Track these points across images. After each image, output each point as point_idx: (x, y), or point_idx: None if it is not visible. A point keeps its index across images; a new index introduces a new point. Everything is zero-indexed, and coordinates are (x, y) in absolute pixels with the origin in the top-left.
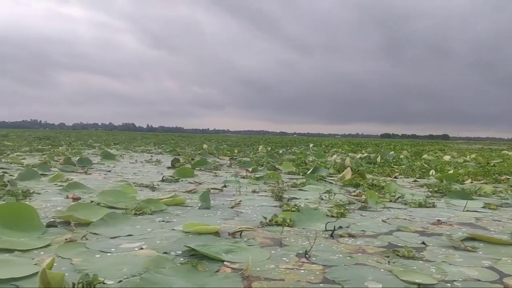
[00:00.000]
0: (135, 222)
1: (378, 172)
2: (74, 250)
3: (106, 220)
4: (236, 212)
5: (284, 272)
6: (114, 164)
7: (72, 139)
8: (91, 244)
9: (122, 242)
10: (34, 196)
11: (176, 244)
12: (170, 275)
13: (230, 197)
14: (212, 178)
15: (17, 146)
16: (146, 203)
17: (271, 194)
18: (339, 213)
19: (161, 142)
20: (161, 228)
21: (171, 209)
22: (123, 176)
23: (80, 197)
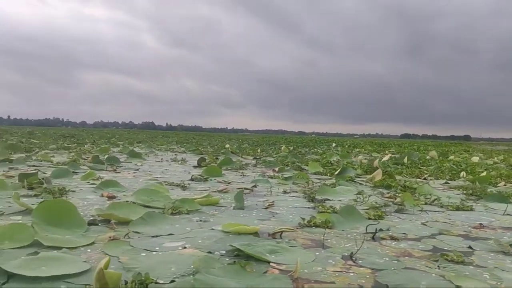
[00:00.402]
0: (173, 221)
1: (407, 173)
2: (119, 248)
3: (146, 219)
4: (271, 212)
5: (333, 274)
6: (141, 162)
7: (96, 138)
8: (135, 243)
9: (164, 241)
10: (70, 194)
11: (218, 244)
12: (220, 275)
13: (262, 197)
14: (240, 177)
15: (44, 143)
16: (182, 203)
17: (303, 195)
18: (376, 215)
19: (183, 141)
20: (200, 227)
21: (206, 209)
22: (152, 175)
23: (115, 195)
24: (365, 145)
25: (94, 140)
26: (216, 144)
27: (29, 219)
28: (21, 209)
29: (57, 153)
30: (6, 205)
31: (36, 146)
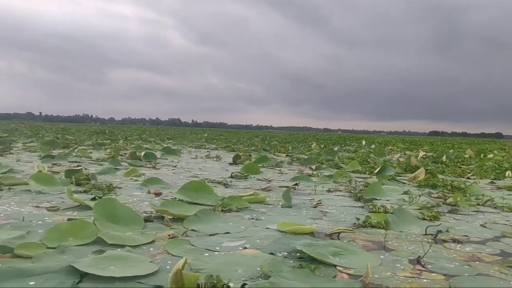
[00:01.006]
0: (225, 219)
1: (449, 172)
2: (181, 247)
3: (199, 217)
4: (321, 211)
5: (405, 280)
6: (177, 159)
7: (127, 134)
8: (195, 242)
9: (223, 240)
10: (117, 191)
11: (277, 245)
12: (291, 279)
13: (307, 196)
14: (278, 175)
15: (79, 140)
16: (230, 200)
17: (349, 194)
18: (431, 216)
19: (212, 138)
20: (254, 226)
21: (254, 207)
22: (191, 172)
23: (161, 192)
24: (396, 143)
25: (126, 137)
26: (245, 141)
27: (84, 214)
28: (74, 204)
29: (93, 149)
30: (59, 200)
31: (72, 142)
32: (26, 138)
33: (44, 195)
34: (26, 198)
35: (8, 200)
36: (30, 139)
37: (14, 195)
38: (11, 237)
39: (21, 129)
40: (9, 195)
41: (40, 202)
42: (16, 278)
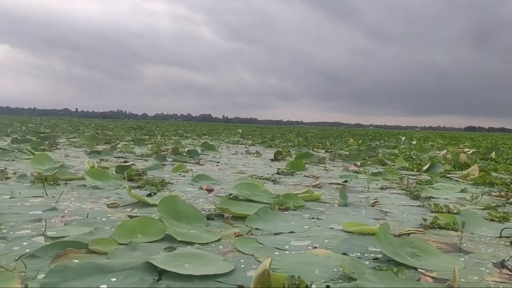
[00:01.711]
0: (285, 218)
1: (502, 170)
2: (250, 246)
3: (260, 215)
4: (381, 211)
5: (496, 286)
6: (218, 155)
7: (164, 130)
8: (262, 240)
9: (289, 239)
10: (170, 187)
11: (347, 245)
12: (375, 281)
13: (360, 194)
14: (324, 172)
15: (119, 135)
16: (286, 198)
17: (404, 192)
18: (500, 217)
19: (247, 133)
20: (317, 226)
21: (310, 205)
22: (236, 168)
23: (213, 188)
24: (435, 139)
25: (163, 132)
26: (280, 136)
27: (145, 211)
28: (132, 201)
29: (135, 144)
30: (116, 196)
31: (113, 138)
32: (69, 133)
33: (100, 191)
34: (83, 193)
35: (67, 195)
36: (72, 134)
37: (72, 190)
38: (81, 233)
39: (61, 125)
40: (67, 190)
41: (99, 198)
42: (97, 274)
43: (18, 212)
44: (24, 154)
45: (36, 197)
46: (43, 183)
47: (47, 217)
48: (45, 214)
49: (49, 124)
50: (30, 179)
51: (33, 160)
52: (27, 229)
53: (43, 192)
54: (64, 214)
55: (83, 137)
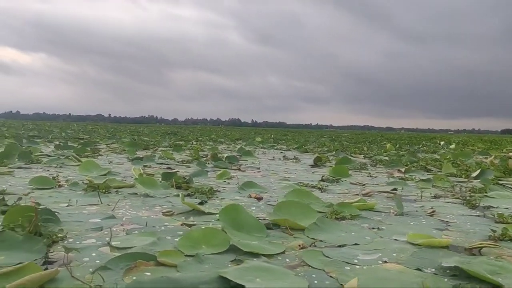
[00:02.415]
0: (344, 228)
1: None
2: (317, 259)
3: (319, 225)
4: (441, 221)
5: None
6: (256, 160)
7: (197, 135)
8: (329, 253)
9: (356, 252)
10: (218, 194)
11: (418, 259)
12: None
13: (413, 202)
14: (369, 179)
15: (156, 141)
16: (340, 207)
17: (460, 201)
18: None
19: (279, 138)
20: (379, 237)
21: (366, 214)
22: (278, 174)
23: (262, 196)
24: (475, 143)
25: (196, 138)
26: (313, 140)
27: (201, 220)
28: (186, 209)
29: (173, 150)
30: (168, 204)
31: (150, 144)
32: (107, 139)
33: (152, 199)
34: (136, 201)
35: (121, 203)
36: (110, 140)
37: (124, 198)
38: (145, 243)
39: (97, 130)
40: (120, 198)
41: (152, 206)
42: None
43: (78, 220)
44: (71, 161)
45: (92, 205)
46: (98, 192)
47: (107, 225)
48: (105, 223)
49: (86, 130)
50: (82, 187)
51: (81, 167)
52: (92, 238)
53: (98, 200)
54: (123, 223)
55: (122, 143)
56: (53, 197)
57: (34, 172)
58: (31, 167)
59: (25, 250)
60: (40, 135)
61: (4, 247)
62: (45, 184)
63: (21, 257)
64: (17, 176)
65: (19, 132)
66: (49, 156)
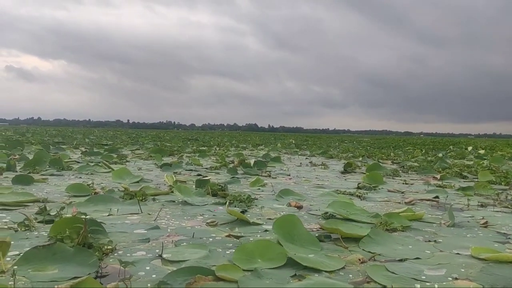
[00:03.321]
0: (399, 240)
1: None
2: (382, 274)
3: (373, 238)
4: (498, 233)
5: None
6: (284, 167)
7: (218, 140)
8: (393, 268)
9: (420, 267)
10: (256, 202)
11: (488, 275)
12: None
13: (460, 212)
14: (406, 186)
15: (178, 147)
16: (389, 218)
17: (510, 210)
18: None
19: (301, 143)
20: (439, 250)
21: (417, 225)
22: (311, 181)
23: (302, 205)
24: (503, 147)
25: (218, 143)
26: (337, 146)
27: (248, 231)
28: (230, 218)
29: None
30: (209, 214)
31: (174, 150)
32: (131, 145)
33: (191, 207)
34: (176, 210)
35: (162, 212)
36: (134, 146)
37: (163, 206)
38: (198, 256)
39: (119, 136)
40: (158, 206)
41: (193, 215)
42: None
43: (123, 230)
44: (101, 168)
45: (132, 214)
46: (138, 201)
47: (153, 236)
48: (150, 233)
49: (108, 136)
50: (119, 194)
51: (114, 174)
52: (141, 251)
53: (138, 209)
54: (169, 234)
55: (147, 149)
56: (91, 206)
57: (67, 179)
58: (63, 174)
59: (78, 263)
60: (64, 141)
61: (56, 260)
62: (81, 192)
63: (74, 270)
64: (51, 183)
65: (43, 139)
66: (78, 163)
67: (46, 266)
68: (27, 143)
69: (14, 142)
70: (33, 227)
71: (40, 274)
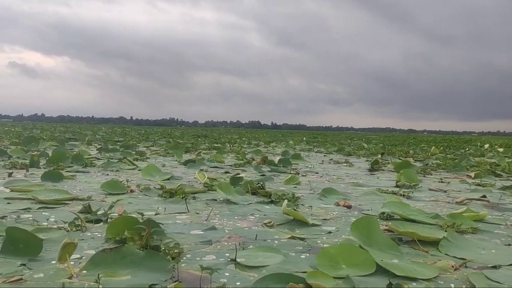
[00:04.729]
0: (477, 243)
1: None
2: (484, 283)
3: (451, 241)
4: None
5: None
6: (308, 164)
7: (228, 137)
8: (493, 276)
9: None
10: (302, 202)
11: None
12: None
13: None
14: (444, 185)
15: (191, 143)
16: (453, 218)
17: None
18: None
19: (311, 140)
20: None
21: (484, 227)
22: (344, 179)
23: (351, 204)
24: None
25: (229, 140)
26: (349, 143)
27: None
28: (285, 219)
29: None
30: (258, 213)
31: (188, 147)
32: (144, 141)
33: (236, 206)
34: (223, 209)
35: (207, 211)
36: (148, 143)
37: (207, 205)
38: (276, 261)
39: (128, 133)
40: (202, 204)
41: (243, 215)
42: None
43: (179, 231)
44: (125, 164)
45: (179, 213)
46: (185, 200)
47: (213, 238)
48: (210, 235)
49: (116, 132)
50: (157, 193)
51: (144, 171)
52: (209, 254)
53: (184, 208)
54: (230, 235)
55: (162, 146)
56: (133, 204)
57: (94, 176)
58: (88, 170)
59: (150, 268)
60: (75, 137)
61: (126, 264)
62: (116, 189)
63: (148, 276)
64: (80, 180)
65: (54, 135)
66: (98, 159)
67: (116, 270)
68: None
69: (28, 138)
70: (84, 227)
71: (113, 280)
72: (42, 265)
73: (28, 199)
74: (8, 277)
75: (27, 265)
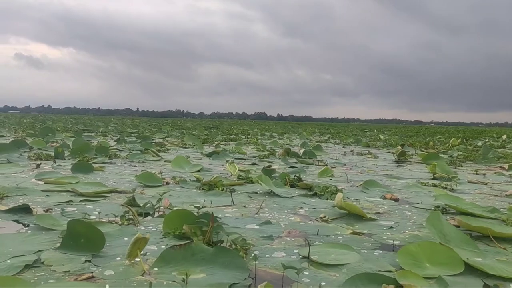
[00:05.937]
0: None
1: None
2: None
3: None
4: None
5: None
6: (331, 156)
7: (240, 129)
8: None
9: None
10: (347, 195)
11: None
12: None
13: None
14: (481, 177)
15: (205, 135)
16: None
17: None
18: None
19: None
20: None
21: None
22: (375, 171)
23: (398, 197)
24: None
25: (242, 131)
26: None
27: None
28: (337, 212)
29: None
30: (306, 206)
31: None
32: (160, 133)
33: (281, 199)
34: (269, 203)
35: (253, 204)
36: (163, 134)
37: (249, 198)
38: (352, 259)
39: (139, 124)
40: (245, 198)
41: (291, 208)
42: None
43: (234, 226)
44: (149, 156)
45: (226, 206)
46: (230, 193)
47: (273, 232)
48: (267, 229)
49: (127, 124)
50: (194, 185)
51: (174, 163)
52: (277, 251)
53: (230, 201)
54: (289, 230)
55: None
56: (174, 197)
57: (122, 167)
58: (115, 162)
59: (223, 266)
60: (88, 128)
61: (197, 262)
62: (152, 182)
63: (225, 275)
64: (110, 172)
65: (67, 126)
66: (119, 150)
67: (188, 268)
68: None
69: (44, 129)
70: (137, 221)
71: (189, 279)
72: (108, 261)
73: (66, 191)
74: (78, 275)
75: (92, 262)
